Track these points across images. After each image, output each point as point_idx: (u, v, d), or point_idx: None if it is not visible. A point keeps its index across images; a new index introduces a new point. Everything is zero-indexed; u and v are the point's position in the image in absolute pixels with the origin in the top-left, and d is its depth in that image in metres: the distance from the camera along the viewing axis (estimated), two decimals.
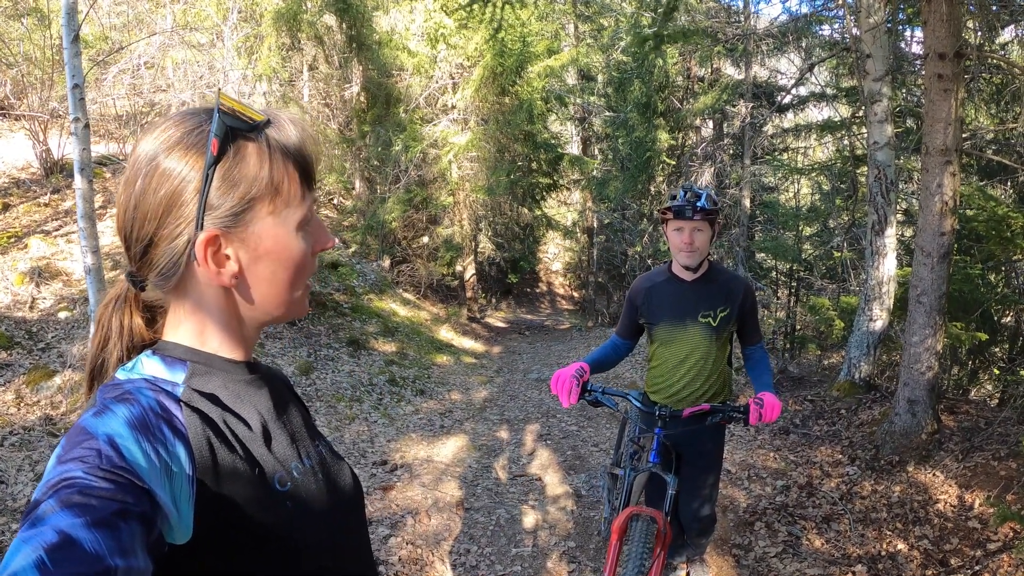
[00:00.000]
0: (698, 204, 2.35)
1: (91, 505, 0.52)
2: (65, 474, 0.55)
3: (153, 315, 0.81)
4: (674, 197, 2.43)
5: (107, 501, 0.54)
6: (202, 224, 0.70)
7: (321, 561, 0.75)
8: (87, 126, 4.30)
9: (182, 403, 0.69)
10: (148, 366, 0.74)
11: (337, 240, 11.20)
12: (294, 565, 0.71)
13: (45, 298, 5.71)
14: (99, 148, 8.48)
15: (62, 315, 5.51)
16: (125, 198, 0.71)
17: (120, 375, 0.73)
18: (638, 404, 2.48)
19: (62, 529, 0.50)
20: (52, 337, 5.19)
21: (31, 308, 5.52)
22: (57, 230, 6.84)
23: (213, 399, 0.73)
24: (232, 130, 0.70)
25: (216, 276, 0.72)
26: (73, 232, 6.71)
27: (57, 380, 4.57)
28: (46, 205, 7.28)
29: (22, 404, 4.37)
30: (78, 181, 4.24)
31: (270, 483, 0.72)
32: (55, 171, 7.85)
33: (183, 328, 0.76)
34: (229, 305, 0.77)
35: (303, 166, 0.75)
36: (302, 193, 0.75)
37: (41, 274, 5.92)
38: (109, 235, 6.71)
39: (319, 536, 0.75)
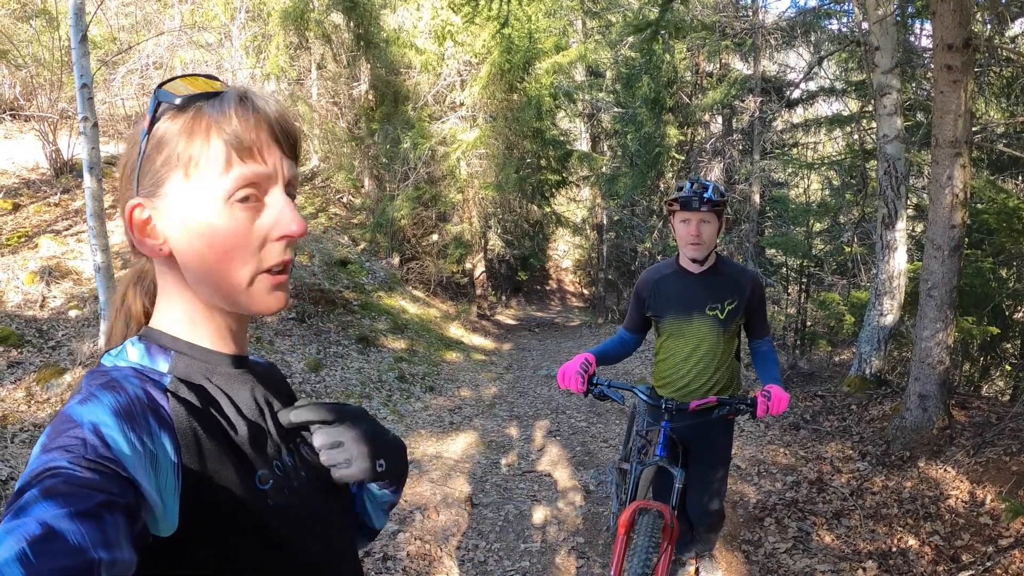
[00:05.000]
0: (705, 195, 2.33)
1: (75, 496, 0.51)
2: (50, 463, 0.54)
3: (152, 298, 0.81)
4: (681, 188, 2.41)
5: (92, 492, 0.52)
6: (136, 192, 0.71)
7: (304, 558, 0.74)
8: (96, 125, 4.32)
9: (169, 393, 0.68)
10: (132, 353, 0.73)
11: (347, 237, 11.23)
12: (277, 561, 0.70)
13: (55, 297, 5.75)
14: (108, 148, 8.51)
15: (72, 313, 5.55)
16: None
17: (106, 361, 0.72)
18: (645, 398, 2.46)
19: (45, 521, 0.49)
20: (62, 335, 5.22)
21: (41, 307, 5.56)
22: (67, 230, 6.89)
23: (199, 390, 0.71)
24: (168, 101, 0.70)
25: (150, 250, 0.72)
26: (83, 231, 6.75)
27: (67, 378, 4.60)
28: (56, 205, 7.33)
29: (32, 401, 4.40)
30: (87, 180, 4.27)
31: (252, 479, 0.71)
32: (64, 171, 7.90)
33: (165, 313, 0.76)
34: (186, 288, 0.74)
35: (235, 137, 0.69)
36: (227, 164, 0.69)
37: (51, 273, 5.96)
38: (119, 234, 6.74)
39: (301, 534, 0.74)
